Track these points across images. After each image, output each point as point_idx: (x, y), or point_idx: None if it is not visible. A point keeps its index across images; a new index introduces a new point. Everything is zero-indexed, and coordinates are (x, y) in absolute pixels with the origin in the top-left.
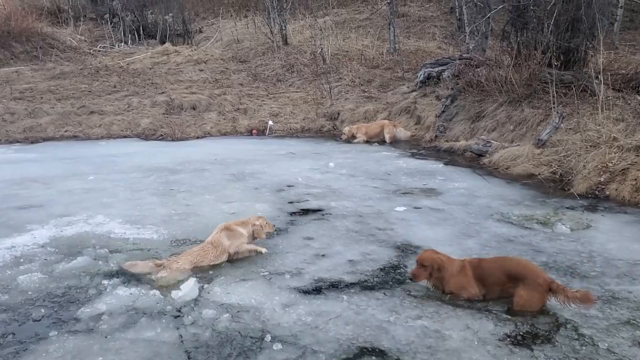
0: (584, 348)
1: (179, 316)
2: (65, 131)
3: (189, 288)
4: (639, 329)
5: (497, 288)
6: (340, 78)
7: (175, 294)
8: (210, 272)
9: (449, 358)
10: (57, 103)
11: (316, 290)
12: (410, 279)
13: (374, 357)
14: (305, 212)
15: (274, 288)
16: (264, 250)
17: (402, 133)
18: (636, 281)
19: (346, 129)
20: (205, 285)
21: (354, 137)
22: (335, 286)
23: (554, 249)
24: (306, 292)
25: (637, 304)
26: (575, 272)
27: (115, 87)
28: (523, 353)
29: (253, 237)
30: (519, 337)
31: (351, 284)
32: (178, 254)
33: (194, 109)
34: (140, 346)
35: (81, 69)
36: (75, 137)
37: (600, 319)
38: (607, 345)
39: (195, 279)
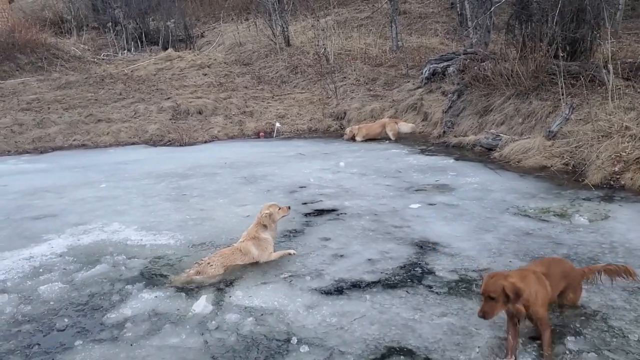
0: (614, 340)
1: (203, 322)
2: (74, 140)
3: (202, 307)
4: None
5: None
6: (345, 77)
7: (191, 310)
8: (231, 276)
9: (479, 354)
10: (65, 112)
11: (338, 290)
12: (482, 317)
13: (402, 357)
14: (320, 212)
15: (295, 290)
16: (292, 251)
17: (405, 127)
18: None
19: (347, 130)
20: (227, 289)
21: (354, 138)
22: (357, 286)
23: (574, 241)
24: (328, 292)
25: None
26: (597, 264)
27: (120, 94)
28: (554, 346)
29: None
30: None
31: (372, 283)
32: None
33: (200, 113)
34: (166, 353)
35: (86, 77)
36: (83, 146)
37: (628, 310)
38: (637, 336)
39: (205, 296)
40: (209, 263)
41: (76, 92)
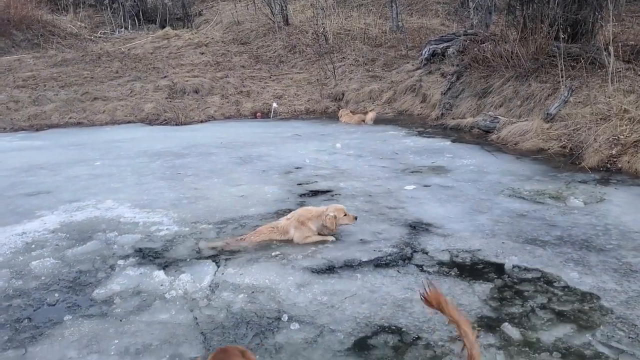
0: (605, 319)
1: (194, 299)
2: (70, 118)
3: (191, 284)
4: None
5: None
6: (344, 58)
7: (182, 286)
8: (223, 255)
9: None
10: (61, 90)
11: (329, 269)
12: None
13: (392, 335)
14: (315, 193)
15: (287, 269)
16: (330, 239)
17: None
18: None
19: (341, 112)
20: (220, 267)
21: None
22: (349, 265)
23: (568, 223)
24: (320, 271)
25: None
26: (591, 246)
27: (117, 72)
28: (546, 324)
29: (324, 227)
30: (537, 309)
31: (364, 262)
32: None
33: (196, 92)
34: (155, 328)
35: (83, 55)
36: (79, 124)
37: (619, 292)
38: (629, 317)
39: (191, 274)
40: (242, 238)
41: (72, 70)
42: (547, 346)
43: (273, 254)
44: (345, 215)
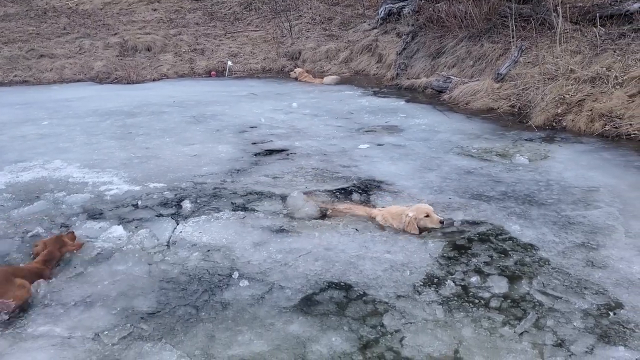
0: (543, 269)
1: (149, 254)
2: (15, 76)
3: (149, 239)
4: (592, 250)
5: None
6: (300, 16)
7: (139, 241)
8: (181, 213)
9: (412, 290)
10: (4, 47)
11: (288, 229)
12: None
13: (338, 291)
14: (270, 152)
15: (247, 227)
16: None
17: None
18: (590, 207)
19: (296, 70)
20: (179, 225)
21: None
22: (307, 225)
23: (513, 179)
24: (278, 230)
25: (591, 227)
26: (533, 200)
27: (64, 29)
28: (487, 276)
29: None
30: (479, 263)
31: (322, 222)
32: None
33: (148, 50)
34: (111, 281)
35: (27, 10)
36: (25, 82)
37: (557, 243)
38: (565, 267)
39: (148, 230)
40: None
41: (16, 26)
42: (486, 300)
43: (237, 212)
44: (427, 216)
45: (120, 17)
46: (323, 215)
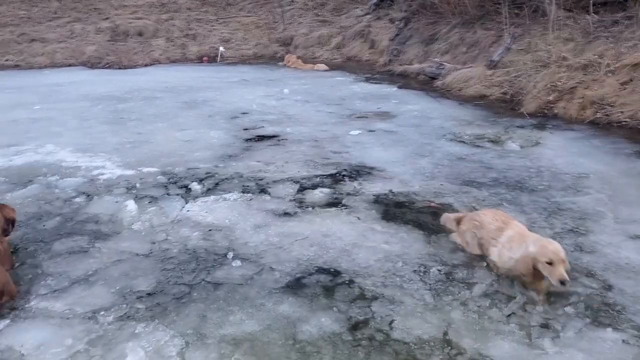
0: None
1: (152, 232)
2: (6, 60)
3: (135, 213)
4: (581, 235)
5: None
6: (293, 1)
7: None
8: (189, 193)
9: (399, 281)
10: None
11: (292, 213)
12: None
13: (327, 276)
14: (261, 138)
15: (251, 210)
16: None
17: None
18: (580, 193)
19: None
20: (186, 205)
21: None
22: (307, 210)
23: (504, 166)
24: (281, 214)
25: (580, 213)
26: (523, 187)
27: (56, 13)
28: (474, 263)
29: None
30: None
31: (321, 205)
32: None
33: (140, 35)
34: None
35: None
36: (17, 66)
37: (546, 228)
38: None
39: (136, 204)
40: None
41: (7, 9)
42: (474, 284)
43: (246, 194)
44: (550, 263)
45: (111, 1)
46: None
